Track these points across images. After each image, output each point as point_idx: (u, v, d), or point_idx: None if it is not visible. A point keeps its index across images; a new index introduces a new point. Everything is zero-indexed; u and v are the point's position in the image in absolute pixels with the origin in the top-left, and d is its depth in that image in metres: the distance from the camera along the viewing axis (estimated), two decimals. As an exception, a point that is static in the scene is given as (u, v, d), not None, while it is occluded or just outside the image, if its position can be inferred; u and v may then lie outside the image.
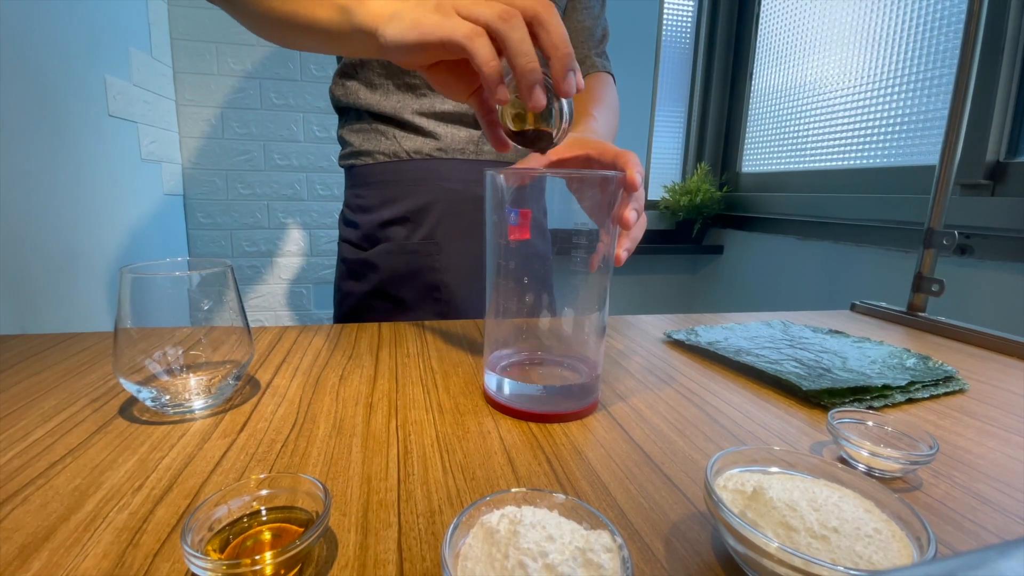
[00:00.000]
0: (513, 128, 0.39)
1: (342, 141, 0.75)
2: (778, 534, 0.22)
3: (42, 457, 0.32)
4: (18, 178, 0.85)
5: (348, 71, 0.71)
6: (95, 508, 0.27)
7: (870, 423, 0.36)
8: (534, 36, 0.34)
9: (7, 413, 0.38)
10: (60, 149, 0.95)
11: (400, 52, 0.37)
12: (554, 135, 0.38)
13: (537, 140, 0.39)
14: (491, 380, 0.41)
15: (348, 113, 0.74)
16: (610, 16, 0.79)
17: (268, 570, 0.21)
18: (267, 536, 0.24)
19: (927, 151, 1.19)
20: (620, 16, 1.74)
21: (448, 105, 0.69)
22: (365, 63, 0.69)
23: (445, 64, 0.38)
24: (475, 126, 0.71)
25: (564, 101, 0.37)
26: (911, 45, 1.21)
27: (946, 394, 0.47)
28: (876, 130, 1.30)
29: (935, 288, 0.70)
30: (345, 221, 0.75)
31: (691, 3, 1.83)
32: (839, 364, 0.50)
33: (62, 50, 0.97)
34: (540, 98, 0.35)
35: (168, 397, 0.37)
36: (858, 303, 0.79)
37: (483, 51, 0.33)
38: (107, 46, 1.12)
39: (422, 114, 0.69)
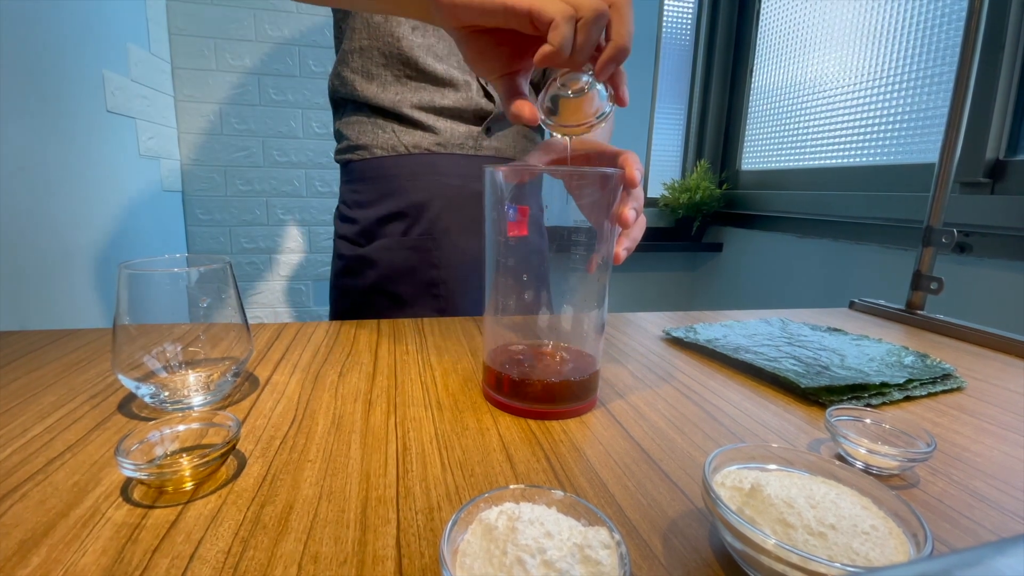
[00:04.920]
0: (545, 117, 0.39)
1: (339, 135, 0.74)
2: (775, 531, 0.22)
3: (41, 453, 0.32)
4: (16, 174, 0.84)
5: (346, 59, 0.70)
6: (94, 504, 0.27)
7: (868, 420, 0.36)
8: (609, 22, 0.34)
9: (6, 409, 0.38)
10: (58, 144, 0.95)
11: (469, 7, 0.34)
12: (590, 124, 0.38)
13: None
14: (490, 377, 0.41)
15: (345, 106, 0.73)
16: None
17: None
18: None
19: (927, 149, 1.19)
20: (620, 13, 1.73)
21: (448, 100, 0.69)
22: (364, 52, 0.68)
23: (490, 34, 0.36)
24: (474, 122, 0.71)
25: (605, 97, 0.37)
26: (911, 43, 1.21)
27: (944, 392, 0.47)
28: (876, 128, 1.30)
29: (934, 286, 0.70)
30: (341, 217, 0.74)
31: (691, 0, 1.83)
32: (837, 362, 0.50)
33: (60, 45, 0.96)
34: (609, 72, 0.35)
35: (167, 393, 0.37)
36: (857, 301, 0.79)
37: (569, 39, 0.33)
38: (105, 41, 1.12)
39: (421, 108, 0.68)
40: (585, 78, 0.37)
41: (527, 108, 0.37)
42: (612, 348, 0.56)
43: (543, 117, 0.38)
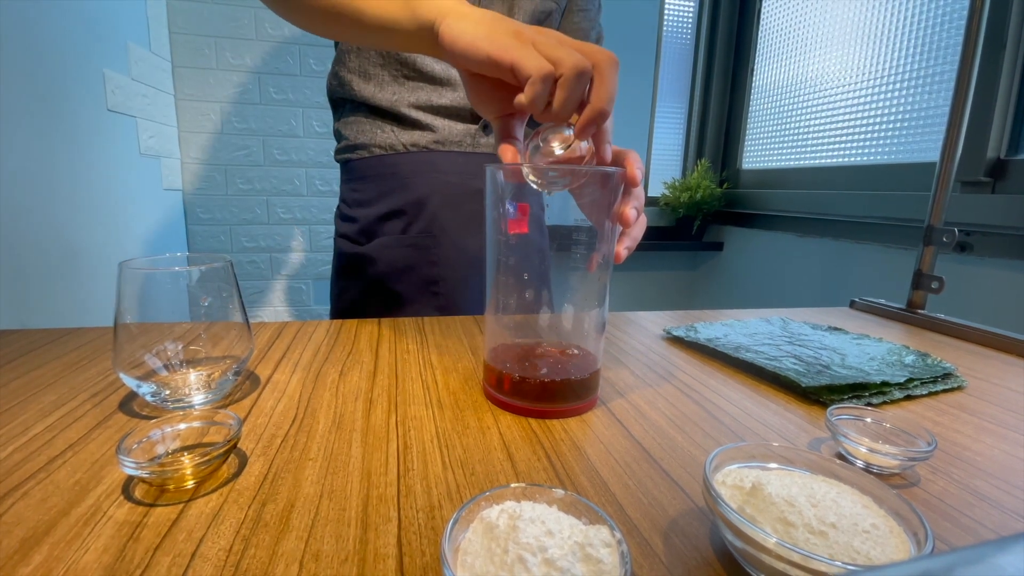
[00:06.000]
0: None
1: (338, 135, 0.74)
2: (776, 530, 0.22)
3: (42, 452, 0.32)
4: (16, 173, 0.84)
5: (344, 59, 0.70)
6: (95, 502, 0.27)
7: (868, 419, 0.36)
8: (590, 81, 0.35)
9: (7, 408, 0.38)
10: (58, 143, 0.95)
11: (461, 56, 0.37)
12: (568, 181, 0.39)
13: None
14: (491, 376, 0.41)
15: (344, 106, 0.73)
16: (611, 11, 0.79)
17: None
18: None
19: (928, 148, 1.18)
20: (621, 12, 1.73)
21: (445, 100, 0.69)
22: (361, 52, 0.68)
23: (489, 78, 0.38)
24: (472, 120, 0.71)
25: (585, 150, 0.38)
26: (912, 41, 1.20)
27: (944, 391, 0.47)
28: (876, 127, 1.29)
29: (935, 285, 0.70)
30: (341, 216, 0.74)
31: (692, -1, 1.83)
32: (838, 361, 0.50)
33: (61, 44, 0.96)
34: (588, 134, 0.36)
35: (168, 392, 0.37)
36: (857, 300, 0.79)
37: (542, 96, 0.34)
38: (106, 40, 1.12)
39: (419, 107, 0.68)
40: (568, 132, 0.37)
41: (510, 154, 0.39)
42: (613, 347, 0.56)
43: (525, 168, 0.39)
